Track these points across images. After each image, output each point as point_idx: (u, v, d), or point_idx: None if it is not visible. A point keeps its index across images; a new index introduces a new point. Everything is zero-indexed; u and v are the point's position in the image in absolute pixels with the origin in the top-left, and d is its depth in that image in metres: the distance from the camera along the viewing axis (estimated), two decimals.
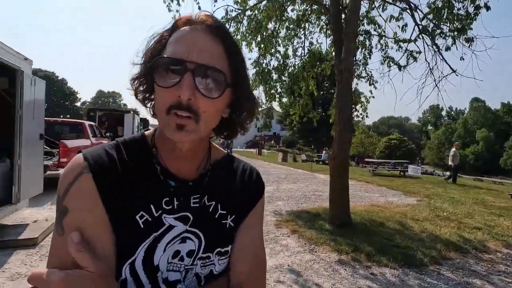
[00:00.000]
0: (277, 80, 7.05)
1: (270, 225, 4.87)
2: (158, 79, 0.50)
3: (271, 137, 41.89)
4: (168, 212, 0.55)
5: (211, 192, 0.60)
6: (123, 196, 0.52)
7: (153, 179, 0.56)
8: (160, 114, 0.51)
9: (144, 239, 0.52)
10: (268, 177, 11.03)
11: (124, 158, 0.55)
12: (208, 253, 0.58)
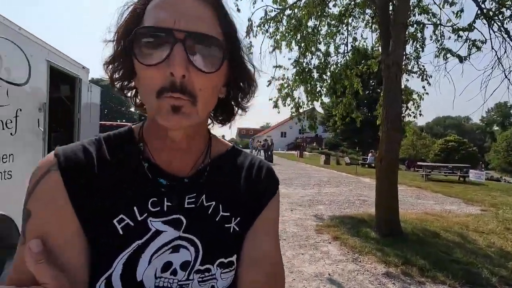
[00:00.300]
0: (318, 79, 6.80)
1: (310, 230, 4.67)
2: (140, 56, 0.40)
3: (313, 139, 40.97)
4: (155, 215, 0.45)
5: (210, 191, 0.50)
6: (99, 196, 0.44)
7: (140, 178, 0.47)
8: (149, 100, 0.42)
9: (123, 248, 0.42)
10: (309, 180, 10.72)
11: (104, 155, 0.47)
12: (207, 264, 0.46)
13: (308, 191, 8.25)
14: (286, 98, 6.80)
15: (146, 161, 0.48)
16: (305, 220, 5.22)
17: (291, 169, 14.62)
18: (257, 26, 6.11)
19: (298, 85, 6.77)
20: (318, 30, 6.42)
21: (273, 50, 6.62)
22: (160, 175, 0.48)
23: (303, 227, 4.79)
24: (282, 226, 4.79)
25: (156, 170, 0.48)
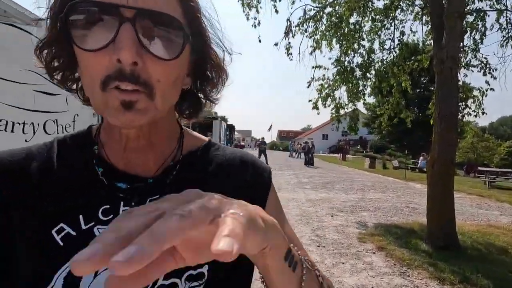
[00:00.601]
0: (361, 78, 6.45)
1: (352, 238, 4.40)
2: (78, 39, 0.33)
3: (356, 142, 39.15)
4: (104, 223, 0.39)
5: (178, 192, 0.43)
6: (37, 205, 0.39)
7: (92, 184, 0.41)
8: (94, 93, 0.35)
9: (63, 261, 0.36)
10: (352, 184, 10.20)
11: (51, 159, 0.42)
12: (173, 278, 0.39)
13: (350, 196, 7.85)
14: (326, 99, 6.56)
15: (102, 165, 0.42)
16: (347, 227, 4.94)
17: (332, 173, 14.10)
18: (296, 26, 6.01)
19: (339, 85, 6.50)
20: (361, 26, 6.10)
21: (313, 50, 6.45)
22: (118, 179, 0.42)
23: (344, 235, 4.54)
24: (321, 232, 4.60)
25: (114, 174, 0.42)
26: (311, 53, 6.51)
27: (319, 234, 4.51)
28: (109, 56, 0.32)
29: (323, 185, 9.59)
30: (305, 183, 10.05)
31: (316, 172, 14.25)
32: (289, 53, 6.18)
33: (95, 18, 0.33)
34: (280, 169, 15.05)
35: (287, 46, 6.11)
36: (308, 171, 14.63)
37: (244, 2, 6.00)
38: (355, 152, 32.04)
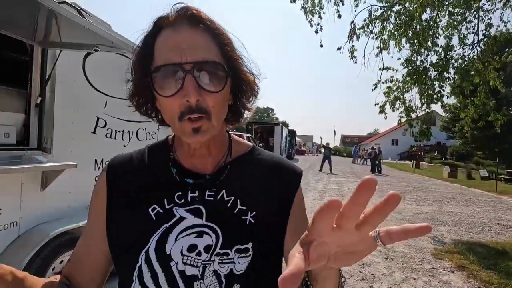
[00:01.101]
0: (437, 78, 5.86)
1: (425, 253, 4.02)
2: (160, 90, 0.49)
3: (433, 147, 34.91)
4: (179, 205, 0.56)
5: (230, 187, 0.58)
6: (137, 192, 0.58)
7: (170, 179, 0.59)
8: (173, 123, 0.52)
9: (156, 229, 0.55)
10: (427, 195, 9.19)
11: (144, 161, 0.62)
12: (226, 249, 0.54)
13: (424, 208, 7.11)
14: (395, 102, 6.15)
15: (175, 167, 0.60)
16: (419, 241, 4.52)
17: (403, 181, 12.90)
18: (360, 29, 5.82)
19: (410, 87, 6.02)
20: (436, 22, 5.56)
21: (379, 51, 6.14)
22: (187, 176, 0.59)
23: (417, 249, 4.18)
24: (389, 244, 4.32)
25: (184, 172, 0.59)
26: (377, 54, 6.20)
27: (387, 246, 4.23)
28: (180, 98, 0.48)
29: None
30: None
31: (384, 180, 13.24)
32: (353, 56, 6.00)
33: (167, 74, 0.49)
34: (343, 175, 14.44)
35: (351, 49, 5.95)
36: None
37: (307, 9, 6.08)
38: (432, 159, 28.60)
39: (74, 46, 2.05)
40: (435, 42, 5.72)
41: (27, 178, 1.94)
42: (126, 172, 0.61)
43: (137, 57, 0.54)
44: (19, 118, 2.07)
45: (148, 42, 0.52)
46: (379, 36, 5.90)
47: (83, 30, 1.73)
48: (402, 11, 5.49)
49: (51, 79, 2.08)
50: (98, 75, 2.47)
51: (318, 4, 5.89)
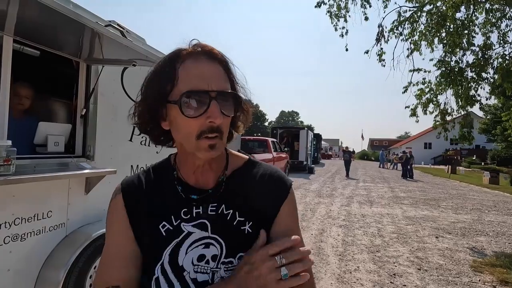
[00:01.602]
0: (474, 79, 5.53)
1: (463, 265, 3.79)
2: (186, 111, 0.56)
3: (471, 151, 32.65)
4: (186, 220, 0.62)
5: (228, 200, 0.64)
6: (148, 211, 0.64)
7: (176, 196, 0.64)
8: (189, 140, 0.58)
9: (167, 244, 0.61)
10: (464, 202, 8.63)
11: (151, 181, 0.68)
12: (230, 258, 0.61)
13: (461, 217, 6.68)
14: (427, 105, 5.89)
15: (180, 184, 0.65)
16: (456, 252, 4.27)
17: (437, 188, 12.20)
18: (389, 31, 5.66)
19: (444, 89, 5.74)
20: (471, 20, 5.27)
21: (410, 53, 5.93)
22: (191, 192, 0.64)
23: (453, 261, 3.94)
24: (422, 254, 4.13)
25: (188, 189, 0.65)
26: (407, 56, 5.99)
27: (419, 256, 4.05)
28: (202, 119, 0.56)
29: (426, 202, 8.44)
30: (402, 197, 9.06)
31: (416, 185, 12.62)
32: (381, 59, 5.85)
33: (196, 99, 0.56)
34: (372, 181, 13.95)
35: (379, 52, 5.80)
36: (406, 184, 13.07)
37: (332, 13, 6.04)
38: (470, 164, 26.78)
39: (115, 62, 2.22)
40: (472, 41, 5.42)
41: (73, 183, 2.12)
42: (138, 193, 0.66)
43: (155, 80, 0.60)
44: (67, 128, 2.28)
45: (170, 69, 0.58)
46: (409, 38, 5.71)
47: (121, 48, 1.88)
48: (433, 11, 5.27)
49: (94, 92, 2.27)
50: (134, 86, 2.64)
51: (344, 7, 5.83)
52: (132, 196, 0.66)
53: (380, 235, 4.96)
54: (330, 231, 5.12)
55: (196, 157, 0.61)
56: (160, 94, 0.58)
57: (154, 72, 0.60)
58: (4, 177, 1.52)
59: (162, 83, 0.58)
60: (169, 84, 0.57)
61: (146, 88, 0.61)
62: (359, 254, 4.05)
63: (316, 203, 7.57)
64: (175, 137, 0.62)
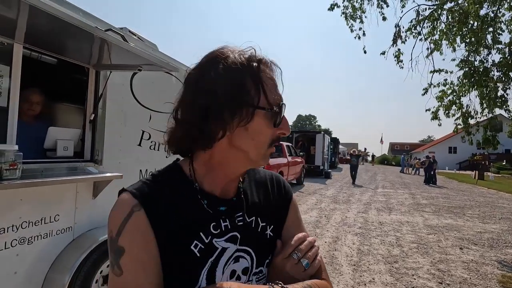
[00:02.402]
0: (501, 79, 5.20)
1: (490, 280, 3.51)
2: (278, 120, 0.58)
3: (500, 156, 30.86)
4: (217, 236, 0.58)
5: (249, 207, 0.64)
6: (175, 229, 0.54)
7: (202, 211, 0.58)
8: (262, 147, 0.58)
9: (203, 265, 0.55)
10: (493, 211, 8.09)
11: (169, 195, 0.57)
12: (260, 267, 0.61)
13: (489, 226, 6.25)
14: (450, 107, 5.59)
15: (205, 197, 0.59)
16: (483, 265, 3.97)
17: (462, 195, 11.54)
18: (407, 31, 5.45)
19: (468, 90, 5.43)
20: (497, 16, 4.97)
21: (430, 52, 5.67)
22: (218, 204, 0.60)
23: (479, 274, 3.67)
24: (445, 266, 3.87)
25: (215, 202, 0.60)
26: (427, 56, 5.73)
27: (441, 268, 3.80)
28: (276, 130, 0.59)
29: (449, 209, 7.99)
30: (423, 205, 8.64)
31: (439, 192, 12.01)
32: (399, 61, 5.63)
33: (279, 109, 0.58)
34: (392, 187, 13.45)
35: (397, 54, 5.59)
36: (429, 190, 12.48)
37: (347, 15, 5.91)
38: (499, 170, 25.27)
39: (122, 67, 2.25)
40: (497, 39, 5.10)
41: (81, 187, 2.14)
42: (161, 208, 0.55)
43: (237, 83, 0.54)
44: (76, 133, 2.32)
45: (255, 75, 0.56)
46: (428, 37, 5.47)
47: (127, 53, 1.89)
48: (455, 8, 5.02)
49: (103, 97, 2.30)
50: (143, 91, 2.67)
51: (359, 8, 5.68)
52: (157, 213, 0.54)
53: (399, 245, 4.72)
54: (345, 239, 4.93)
55: (248, 166, 0.61)
56: (248, 98, 0.55)
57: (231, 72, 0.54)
58: (9, 181, 1.55)
59: (247, 88, 0.55)
60: (256, 89, 0.56)
61: (225, 88, 0.54)
62: (375, 264, 3.85)
63: (331, 209, 7.36)
64: (240, 144, 0.56)
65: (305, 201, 8.35)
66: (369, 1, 5.73)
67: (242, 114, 0.54)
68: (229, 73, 0.54)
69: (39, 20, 1.56)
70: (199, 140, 0.56)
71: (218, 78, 0.54)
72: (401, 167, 25.92)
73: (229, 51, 0.56)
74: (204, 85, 0.55)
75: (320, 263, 0.63)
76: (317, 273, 0.62)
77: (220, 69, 0.54)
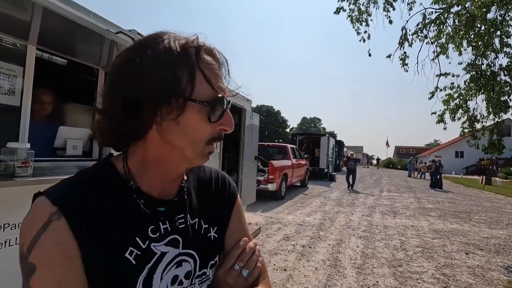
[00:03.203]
0: (508, 83, 5.16)
1: (496, 286, 3.47)
2: (213, 115, 0.51)
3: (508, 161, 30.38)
4: (156, 240, 0.52)
5: (192, 208, 0.60)
6: (106, 237, 0.48)
7: (138, 213, 0.52)
8: (198, 144, 0.51)
9: (140, 273, 0.49)
10: (500, 216, 7.98)
11: (98, 197, 0.49)
12: (203, 269, 0.58)
13: (496, 232, 6.17)
14: (456, 111, 5.56)
15: (140, 197, 0.53)
16: (489, 271, 3.93)
17: (469, 199, 11.40)
18: (413, 34, 5.44)
19: (475, 94, 5.40)
20: (504, 19, 4.94)
21: (436, 55, 5.66)
22: (158, 204, 0.55)
23: (485, 280, 3.63)
24: (450, 271, 3.83)
25: (153, 202, 0.54)
26: (433, 59, 5.71)
27: (446, 273, 3.77)
28: (217, 126, 0.52)
29: (455, 214, 7.90)
30: (429, 209, 8.55)
31: (445, 197, 11.87)
32: (404, 64, 5.62)
33: (221, 105, 0.52)
34: (397, 190, 13.33)
35: (402, 57, 5.59)
36: (435, 195, 12.35)
37: (353, 18, 5.92)
38: (507, 175, 24.87)
39: None
40: (506, 42, 5.07)
41: None
42: (87, 215, 0.47)
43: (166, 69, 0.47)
44: (85, 133, 2.37)
45: (188, 62, 0.49)
46: (435, 41, 5.46)
47: None
48: (462, 12, 5.01)
49: None
50: None
51: (365, 11, 5.69)
52: (82, 221, 0.46)
53: (403, 249, 4.69)
54: (349, 242, 4.91)
55: (185, 164, 0.55)
56: (178, 88, 0.48)
57: (160, 58, 0.48)
58: (21, 178, 1.60)
59: (178, 76, 0.48)
60: (189, 79, 0.48)
61: (152, 75, 0.47)
62: (379, 268, 3.83)
63: (335, 212, 7.33)
64: (172, 139, 0.50)
65: (309, 204, 8.33)
66: (375, 4, 5.74)
67: (170, 106, 0.48)
68: (157, 59, 0.47)
69: (52, 22, 1.62)
70: (123, 134, 0.51)
71: (143, 64, 0.47)
72: (408, 171, 25.66)
73: (165, 36, 0.50)
74: (128, 72, 0.48)
75: (259, 268, 0.63)
76: (256, 279, 0.62)
77: (148, 54, 0.48)
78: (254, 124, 6.11)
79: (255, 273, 0.62)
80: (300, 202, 8.56)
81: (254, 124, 6.07)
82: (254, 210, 6.84)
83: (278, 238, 4.91)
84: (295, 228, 5.60)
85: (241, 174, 5.52)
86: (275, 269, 3.59)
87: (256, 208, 6.99)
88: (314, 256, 4.12)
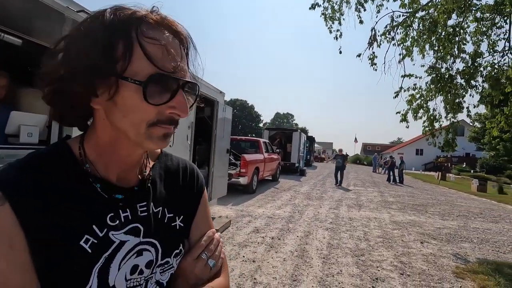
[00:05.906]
0: (463, 86, 5.59)
1: (445, 271, 3.80)
2: (151, 96, 0.44)
3: (461, 159, 33.18)
4: (115, 228, 0.50)
5: (155, 197, 0.58)
6: (57, 224, 0.44)
7: (94, 198, 0.49)
8: (139, 126, 0.46)
9: (95, 262, 0.47)
10: (452, 209, 8.71)
11: (50, 180, 0.46)
12: (166, 258, 0.57)
13: (448, 223, 6.73)
14: (417, 110, 5.92)
15: (97, 181, 0.50)
16: (440, 258, 4.29)
17: (426, 194, 12.32)
18: (381, 35, 5.68)
19: (434, 95, 5.78)
20: (462, 28, 5.32)
21: (402, 58, 5.95)
22: (115, 191, 0.52)
23: (436, 266, 3.96)
24: (406, 259, 4.13)
25: (110, 187, 0.51)
26: (399, 62, 6.02)
27: (403, 261, 4.05)
28: (163, 108, 0.46)
29: (413, 207, 8.50)
30: (390, 202, 9.11)
31: (405, 191, 12.71)
32: (373, 63, 5.86)
33: (160, 82, 0.45)
34: (362, 185, 14.03)
35: (371, 56, 5.82)
36: (396, 189, 13.17)
37: (326, 16, 6.04)
38: (459, 172, 27.16)
39: None
40: (462, 48, 5.47)
41: None
42: (36, 200, 0.44)
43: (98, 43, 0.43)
44: (43, 119, 2.20)
45: (124, 35, 0.44)
46: (401, 43, 5.74)
47: None
48: (426, 17, 5.31)
49: None
50: None
51: (338, 10, 5.84)
52: (29, 206, 0.43)
53: (366, 239, 4.96)
54: (316, 233, 5.09)
55: (138, 148, 0.50)
56: (108, 64, 0.43)
57: (94, 32, 0.44)
58: None
59: (111, 51, 0.43)
60: (123, 54, 0.43)
61: (78, 49, 0.43)
62: (343, 257, 4.03)
63: (304, 205, 7.55)
64: (114, 120, 0.47)
65: (279, 197, 8.49)
66: (348, 4, 5.90)
67: (102, 84, 0.44)
68: (86, 33, 0.44)
69: None
70: (63, 114, 0.50)
71: (76, 38, 0.45)
72: (373, 167, 27.04)
73: (109, 9, 0.46)
74: (61, 47, 0.45)
75: (223, 260, 0.64)
76: (219, 270, 0.63)
77: (83, 27, 0.45)
78: (227, 117, 6.06)
79: (219, 263, 0.63)
80: (271, 195, 8.69)
81: (226, 117, 6.01)
82: (225, 203, 6.83)
83: (248, 230, 4.96)
84: (265, 221, 5.68)
85: (212, 167, 5.47)
86: (244, 260, 3.63)
87: (227, 202, 6.99)
88: (282, 247, 4.22)
